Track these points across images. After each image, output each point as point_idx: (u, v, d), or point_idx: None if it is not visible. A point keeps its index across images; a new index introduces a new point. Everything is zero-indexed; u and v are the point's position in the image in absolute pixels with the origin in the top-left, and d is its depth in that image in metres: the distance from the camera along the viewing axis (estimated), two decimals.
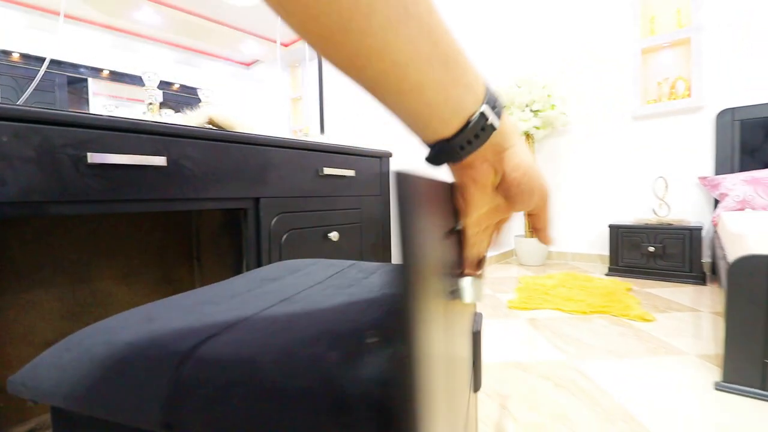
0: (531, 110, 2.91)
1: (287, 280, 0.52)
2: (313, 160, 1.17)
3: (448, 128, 0.29)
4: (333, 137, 1.92)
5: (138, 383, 0.28)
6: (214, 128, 0.99)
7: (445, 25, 0.26)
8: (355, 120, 2.04)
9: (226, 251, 1.15)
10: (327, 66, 1.94)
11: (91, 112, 1.21)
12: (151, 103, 1.17)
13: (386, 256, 1.46)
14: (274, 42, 1.80)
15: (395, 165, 2.21)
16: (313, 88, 1.92)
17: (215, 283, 0.52)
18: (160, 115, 1.21)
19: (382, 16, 0.22)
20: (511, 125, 0.32)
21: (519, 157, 0.32)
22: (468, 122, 0.29)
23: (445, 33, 0.26)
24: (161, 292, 1.27)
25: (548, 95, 2.93)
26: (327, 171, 1.19)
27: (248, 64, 1.72)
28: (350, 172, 1.29)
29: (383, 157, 1.45)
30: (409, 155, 2.31)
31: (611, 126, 2.96)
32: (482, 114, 0.29)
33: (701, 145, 2.61)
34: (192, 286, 1.34)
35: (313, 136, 1.79)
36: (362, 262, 0.63)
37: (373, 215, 1.40)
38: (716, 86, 2.53)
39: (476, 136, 0.30)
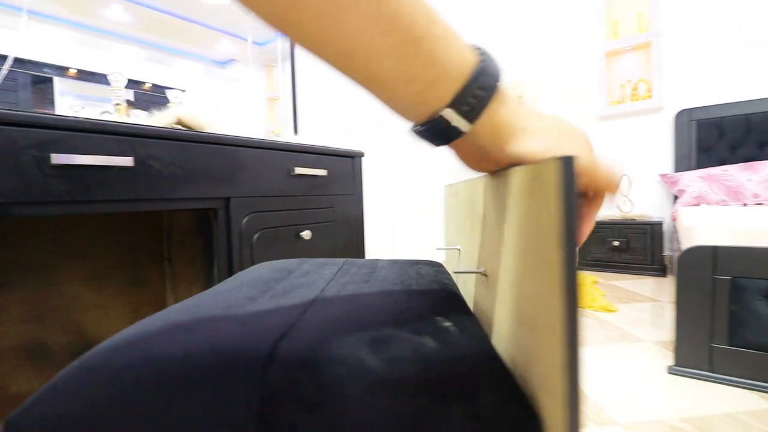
0: None
1: (291, 280, 0.49)
2: (285, 159, 1.19)
3: (413, 119, 0.27)
4: (307, 138, 1.93)
5: (220, 399, 0.24)
6: (183, 129, 0.99)
7: (412, 9, 0.23)
8: (330, 121, 2.06)
9: (198, 251, 1.15)
10: (300, 66, 1.95)
11: (56, 112, 1.19)
12: (117, 104, 1.16)
13: (359, 254, 1.49)
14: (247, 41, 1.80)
15: (368, 164, 2.24)
16: (288, 88, 1.93)
17: (213, 288, 0.47)
18: (128, 115, 1.20)
19: (314, 5, 0.21)
20: (507, 124, 0.27)
21: (510, 158, 0.28)
22: (429, 120, 0.26)
23: (404, 20, 0.23)
24: (132, 294, 1.26)
25: (519, 96, 3.02)
26: (299, 171, 1.21)
27: (223, 63, 1.72)
28: (322, 172, 1.31)
29: (356, 157, 1.48)
30: (382, 155, 2.34)
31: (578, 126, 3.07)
32: (441, 117, 0.25)
33: (661, 144, 2.74)
34: (163, 287, 1.34)
35: (286, 137, 1.80)
36: (352, 259, 0.62)
37: (345, 214, 1.43)
38: (674, 88, 2.66)
39: (437, 135, 0.27)
